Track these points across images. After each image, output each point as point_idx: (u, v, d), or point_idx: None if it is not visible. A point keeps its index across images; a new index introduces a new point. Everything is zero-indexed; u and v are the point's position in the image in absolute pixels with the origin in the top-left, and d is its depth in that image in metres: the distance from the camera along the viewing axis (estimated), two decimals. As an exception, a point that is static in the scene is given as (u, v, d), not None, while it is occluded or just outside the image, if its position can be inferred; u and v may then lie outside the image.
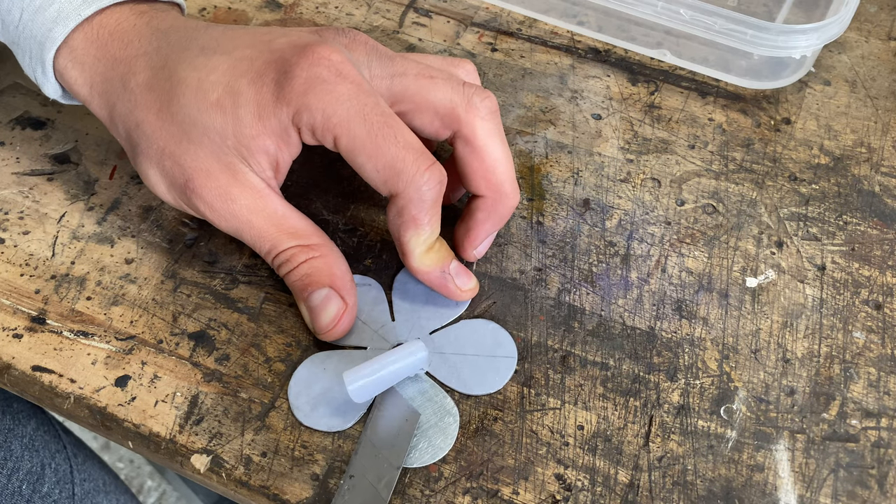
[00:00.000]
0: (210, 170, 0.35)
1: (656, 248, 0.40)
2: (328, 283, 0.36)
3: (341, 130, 0.33)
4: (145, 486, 1.18)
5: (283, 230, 0.36)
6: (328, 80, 0.33)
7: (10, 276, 0.39)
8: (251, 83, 0.34)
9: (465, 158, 0.36)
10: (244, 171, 0.35)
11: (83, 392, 0.36)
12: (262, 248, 0.36)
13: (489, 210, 0.37)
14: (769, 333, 0.38)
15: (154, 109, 0.35)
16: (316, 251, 0.36)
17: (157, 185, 0.37)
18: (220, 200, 0.35)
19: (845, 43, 0.48)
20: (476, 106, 0.36)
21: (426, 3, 0.50)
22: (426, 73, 0.36)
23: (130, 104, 0.36)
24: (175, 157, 0.35)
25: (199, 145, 0.35)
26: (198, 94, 0.34)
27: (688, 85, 0.46)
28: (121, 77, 0.36)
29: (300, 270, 0.36)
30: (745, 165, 0.43)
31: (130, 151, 0.37)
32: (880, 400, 0.36)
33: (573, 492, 0.33)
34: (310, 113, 0.33)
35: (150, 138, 0.36)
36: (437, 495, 0.33)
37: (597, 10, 0.47)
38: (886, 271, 0.39)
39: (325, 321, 0.36)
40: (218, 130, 0.34)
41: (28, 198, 0.42)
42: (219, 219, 0.36)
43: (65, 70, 0.37)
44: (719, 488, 0.34)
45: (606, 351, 0.37)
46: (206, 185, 0.35)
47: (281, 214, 0.36)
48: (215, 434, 0.35)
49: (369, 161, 0.33)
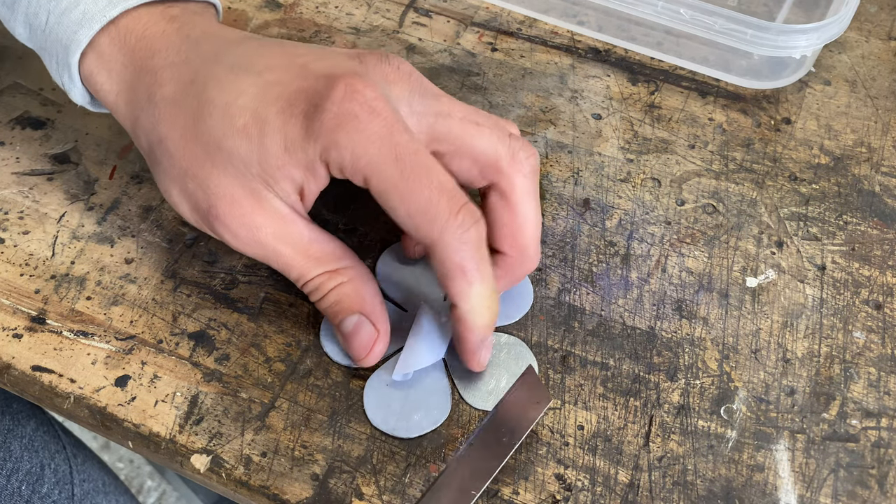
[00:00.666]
0: (234, 196, 0.33)
1: (656, 248, 0.40)
2: (358, 310, 0.35)
3: (371, 171, 0.31)
4: (145, 486, 1.18)
5: (310, 257, 0.35)
6: (360, 116, 0.31)
7: (10, 275, 0.39)
8: (280, 113, 0.32)
9: (497, 212, 0.35)
10: (269, 198, 0.34)
11: (83, 392, 0.36)
12: (290, 276, 0.35)
13: (508, 270, 0.35)
14: (769, 333, 0.38)
15: (179, 127, 0.34)
16: (344, 276, 0.35)
17: (179, 205, 0.35)
18: (244, 229, 0.34)
19: (845, 43, 0.48)
20: (520, 161, 0.34)
21: (426, 3, 0.50)
22: (473, 119, 0.34)
23: (154, 118, 0.35)
24: (198, 180, 0.34)
25: (222, 170, 0.33)
26: (224, 117, 0.33)
27: (688, 85, 0.46)
28: (147, 88, 0.35)
29: (330, 298, 0.35)
30: (746, 165, 0.43)
31: (152, 167, 0.36)
32: (880, 400, 0.36)
33: (573, 492, 0.33)
34: (338, 151, 0.31)
35: (173, 157, 0.34)
36: (437, 495, 0.33)
37: (597, 10, 0.47)
38: (886, 271, 0.39)
39: (358, 348, 0.35)
40: (242, 157, 0.33)
41: (28, 198, 0.42)
42: (244, 247, 0.34)
43: (91, 75, 0.36)
44: (719, 488, 0.34)
45: (606, 351, 0.37)
46: (229, 212, 0.34)
47: (307, 240, 0.35)
48: (215, 434, 0.35)
49: (402, 205, 0.31)
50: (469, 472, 0.32)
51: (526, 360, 0.36)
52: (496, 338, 0.37)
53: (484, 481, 0.33)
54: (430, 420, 0.35)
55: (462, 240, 0.31)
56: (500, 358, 0.36)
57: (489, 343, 0.35)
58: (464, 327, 0.33)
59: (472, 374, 0.36)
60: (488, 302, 0.33)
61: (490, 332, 0.34)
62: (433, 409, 0.35)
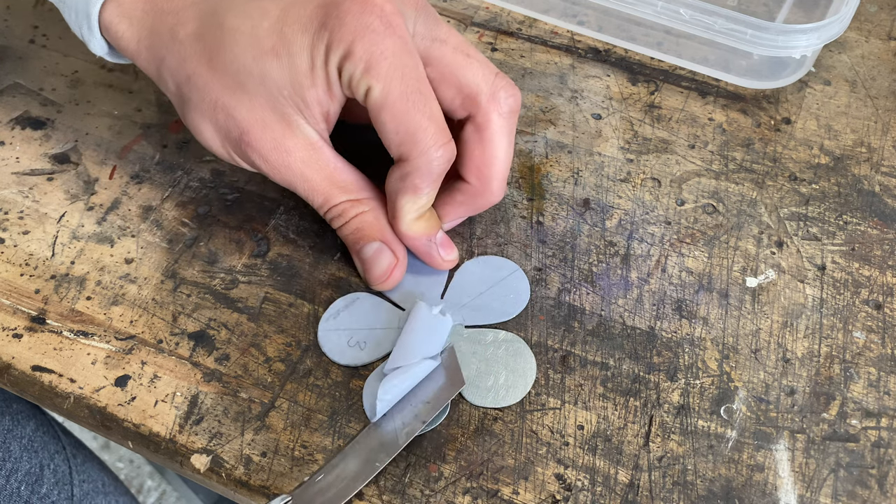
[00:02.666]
0: (265, 121, 0.34)
1: (656, 248, 0.40)
2: (379, 237, 0.37)
3: (377, 85, 0.33)
4: (145, 486, 1.17)
5: (335, 184, 0.36)
6: (377, 30, 0.33)
7: (10, 275, 0.39)
8: (304, 30, 0.33)
9: (470, 144, 0.36)
10: (299, 123, 0.35)
11: (83, 392, 0.36)
12: (314, 202, 0.37)
13: (470, 197, 0.38)
14: (769, 333, 0.38)
15: (205, 60, 0.35)
16: (366, 205, 0.37)
17: (211, 139, 0.36)
18: (274, 153, 0.35)
19: (845, 43, 0.48)
20: (500, 100, 0.36)
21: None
22: (465, 50, 0.36)
23: (180, 56, 0.35)
24: (229, 109, 0.35)
25: (253, 95, 0.34)
26: (251, 41, 0.34)
27: (688, 85, 0.46)
28: (170, 28, 0.35)
29: (352, 224, 0.37)
30: (745, 165, 0.43)
31: (181, 106, 0.36)
32: (880, 400, 0.36)
33: (573, 492, 0.33)
34: (353, 61, 0.33)
35: (202, 91, 0.35)
36: (437, 495, 0.33)
37: (597, 10, 0.47)
38: (886, 271, 0.39)
39: (378, 273, 0.37)
40: (274, 79, 0.34)
41: (28, 198, 0.42)
42: (272, 171, 0.36)
43: (111, 24, 0.36)
44: (719, 488, 0.34)
45: (606, 351, 0.37)
46: (261, 137, 0.35)
47: (333, 167, 0.36)
48: (215, 434, 0.35)
49: (392, 121, 0.33)
50: (379, 445, 0.33)
51: (524, 356, 0.36)
52: (494, 335, 0.37)
53: (388, 456, 0.33)
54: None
55: (430, 168, 0.34)
56: (498, 354, 0.36)
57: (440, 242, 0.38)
58: (399, 228, 0.37)
59: (470, 372, 0.36)
60: (421, 210, 0.37)
61: (423, 233, 0.37)
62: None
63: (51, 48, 0.48)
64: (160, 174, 0.43)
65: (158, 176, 0.43)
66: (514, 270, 0.39)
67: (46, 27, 0.49)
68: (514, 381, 0.36)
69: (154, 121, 0.45)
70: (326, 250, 0.40)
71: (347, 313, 0.38)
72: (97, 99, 0.46)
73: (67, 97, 0.46)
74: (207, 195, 0.42)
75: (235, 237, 0.40)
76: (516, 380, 0.36)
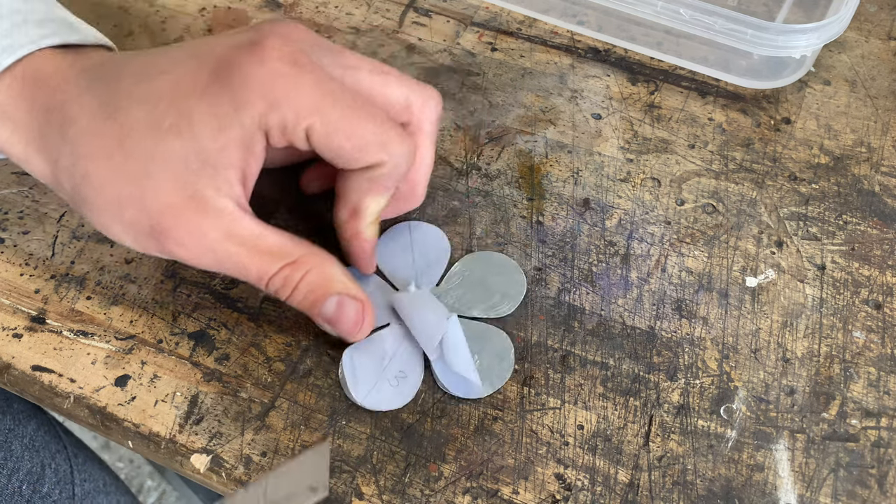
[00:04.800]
0: (175, 205, 0.32)
1: (656, 248, 0.40)
2: (333, 291, 0.34)
3: (314, 119, 0.32)
4: (145, 486, 1.18)
5: (265, 252, 0.33)
6: (287, 73, 0.31)
7: (10, 275, 0.39)
8: (202, 97, 0.32)
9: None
10: (211, 198, 0.32)
11: (83, 392, 0.36)
12: (250, 277, 0.34)
13: (397, 202, 0.38)
14: (769, 333, 0.38)
15: (102, 156, 0.32)
16: (307, 264, 0.34)
17: (123, 237, 0.33)
18: (191, 237, 0.32)
19: (845, 42, 0.48)
20: (431, 108, 0.36)
21: (426, 3, 0.50)
22: (380, 69, 0.35)
23: (74, 155, 0.33)
24: (135, 201, 0.32)
25: (159, 181, 0.32)
26: (148, 126, 0.32)
27: (688, 84, 0.46)
28: (58, 127, 0.33)
29: (301, 290, 0.34)
30: (745, 165, 0.43)
31: (80, 208, 0.34)
32: (880, 399, 0.36)
33: (573, 491, 0.33)
34: (279, 112, 0.31)
35: (102, 189, 0.32)
36: (437, 495, 0.33)
37: (597, 10, 0.47)
38: (886, 271, 0.39)
39: (349, 326, 0.35)
40: (178, 156, 0.32)
41: (28, 197, 0.42)
42: (196, 257, 0.33)
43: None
44: (719, 488, 0.34)
45: (606, 350, 0.37)
46: (174, 224, 0.32)
47: (257, 235, 0.33)
48: (215, 434, 0.35)
49: (348, 141, 0.32)
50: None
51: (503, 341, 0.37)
52: (478, 326, 0.37)
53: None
54: (401, 397, 0.35)
55: (401, 166, 0.34)
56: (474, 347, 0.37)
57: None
58: (357, 230, 0.37)
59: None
60: (378, 214, 0.37)
61: (374, 239, 0.38)
62: (405, 386, 0.36)
63: (51, 48, 0.48)
64: (160, 174, 0.43)
65: (158, 176, 0.43)
66: (512, 269, 0.39)
67: (46, 27, 0.49)
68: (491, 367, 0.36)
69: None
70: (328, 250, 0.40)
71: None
72: (97, 99, 0.46)
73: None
74: (207, 195, 0.42)
75: (235, 237, 0.40)
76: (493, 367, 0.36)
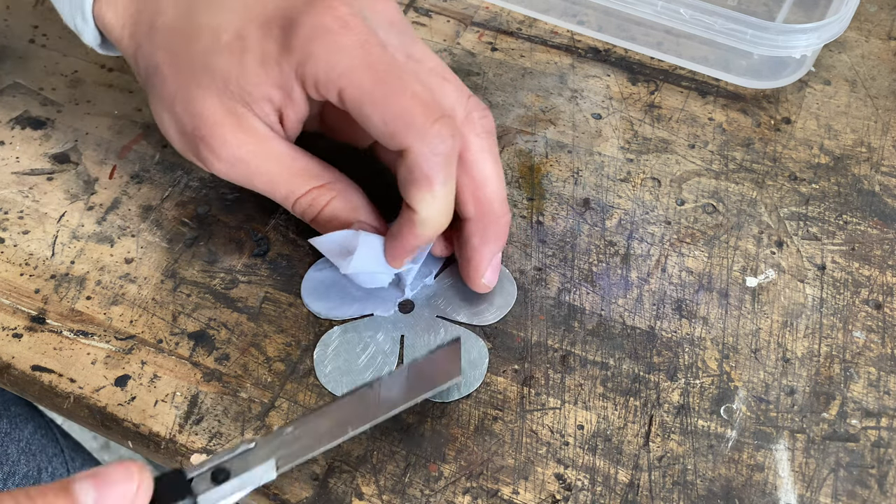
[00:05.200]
0: (216, 116, 0.34)
1: (656, 248, 0.40)
2: (354, 219, 0.36)
3: (346, 81, 0.32)
4: (145, 486, 1.17)
5: (295, 173, 0.35)
6: (333, 30, 0.32)
7: (10, 275, 0.39)
8: (259, 28, 0.33)
9: (457, 175, 0.35)
10: (248, 117, 0.34)
11: (83, 392, 0.36)
12: (278, 195, 0.36)
13: (482, 233, 0.36)
14: (769, 333, 0.38)
15: (172, 52, 0.35)
16: (334, 189, 0.36)
17: (169, 130, 0.36)
18: (226, 148, 0.34)
19: (845, 42, 0.48)
20: (473, 121, 0.35)
21: (426, 3, 0.50)
22: (441, 73, 0.35)
23: (153, 45, 0.36)
24: (185, 102, 0.35)
25: (206, 90, 0.34)
26: (212, 37, 0.34)
27: (688, 84, 0.46)
28: (149, 17, 0.36)
29: (325, 213, 0.36)
30: (745, 165, 0.43)
31: (149, 94, 0.37)
32: (880, 399, 0.36)
33: (573, 491, 0.33)
34: (313, 64, 0.32)
35: (165, 81, 0.35)
36: (437, 495, 0.33)
37: (597, 10, 0.47)
38: (886, 271, 0.39)
39: None
40: (223, 74, 0.34)
41: (28, 197, 0.42)
42: (228, 168, 0.35)
43: (101, 14, 0.37)
44: (719, 488, 0.34)
45: (606, 350, 0.37)
46: (212, 133, 0.34)
47: (289, 156, 0.35)
48: (215, 434, 0.35)
49: (375, 112, 0.32)
50: (355, 412, 0.32)
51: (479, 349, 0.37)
52: (457, 330, 0.37)
53: (362, 423, 0.32)
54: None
55: (435, 151, 0.32)
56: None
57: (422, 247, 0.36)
58: (411, 231, 0.34)
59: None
60: (442, 218, 0.34)
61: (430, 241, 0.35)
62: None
63: (51, 48, 0.48)
64: (160, 174, 0.43)
65: (158, 175, 0.43)
66: (504, 278, 0.39)
67: (46, 27, 0.49)
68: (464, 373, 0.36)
69: (154, 120, 0.45)
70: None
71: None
72: (97, 99, 0.46)
73: (67, 97, 0.46)
74: (207, 195, 0.42)
75: (235, 237, 0.40)
76: (465, 374, 0.36)
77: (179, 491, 0.28)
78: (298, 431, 0.31)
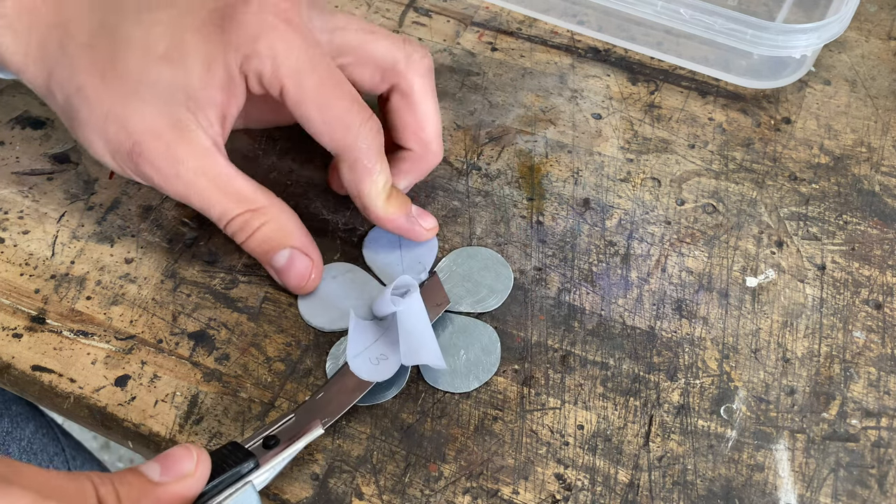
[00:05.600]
0: (157, 130, 0.34)
1: (656, 248, 0.40)
2: (288, 244, 0.37)
3: (290, 81, 0.34)
4: (145, 486, 1.17)
5: (230, 194, 0.36)
6: (277, 27, 0.33)
7: (10, 275, 0.39)
8: (197, 32, 0.34)
9: (399, 112, 0.38)
10: (192, 129, 0.34)
11: (83, 392, 0.36)
12: (212, 214, 0.36)
13: (414, 163, 0.39)
14: (769, 333, 0.38)
15: (97, 71, 0.34)
16: (266, 214, 0.36)
17: (100, 152, 0.35)
18: (166, 163, 0.34)
19: (845, 42, 0.48)
20: (416, 62, 0.37)
21: (426, 3, 0.50)
22: (367, 28, 0.37)
23: (70, 68, 0.35)
24: (121, 120, 0.34)
25: (146, 103, 0.34)
26: (144, 49, 0.34)
27: (688, 84, 0.46)
28: (58, 41, 0.35)
29: (257, 237, 0.37)
30: (745, 165, 0.43)
31: (69, 120, 0.36)
32: (880, 399, 0.36)
33: (573, 491, 0.33)
34: (259, 59, 0.33)
35: (92, 103, 0.34)
36: (437, 495, 0.33)
37: (597, 10, 0.47)
38: (886, 271, 0.39)
39: (296, 280, 0.37)
40: (167, 85, 0.34)
41: (28, 197, 0.42)
42: (164, 182, 0.35)
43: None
44: (719, 488, 0.34)
45: (606, 350, 0.37)
46: (153, 147, 0.34)
47: (227, 176, 0.35)
48: (215, 434, 0.35)
49: (318, 113, 0.34)
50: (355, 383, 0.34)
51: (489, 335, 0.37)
52: (464, 321, 0.37)
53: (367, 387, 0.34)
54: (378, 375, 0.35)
55: (370, 146, 0.35)
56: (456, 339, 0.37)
57: (417, 215, 0.38)
58: (376, 214, 0.37)
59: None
60: (387, 190, 0.37)
61: (400, 212, 0.38)
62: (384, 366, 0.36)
63: (51, 48, 0.48)
64: (160, 174, 0.43)
65: (158, 176, 0.43)
66: (499, 263, 0.39)
67: (46, 27, 0.49)
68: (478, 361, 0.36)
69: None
70: (326, 250, 0.40)
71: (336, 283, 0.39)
72: (97, 99, 0.46)
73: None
74: (207, 195, 0.42)
75: (235, 237, 0.40)
76: (480, 361, 0.36)
77: (240, 457, 0.30)
78: (329, 394, 0.34)
